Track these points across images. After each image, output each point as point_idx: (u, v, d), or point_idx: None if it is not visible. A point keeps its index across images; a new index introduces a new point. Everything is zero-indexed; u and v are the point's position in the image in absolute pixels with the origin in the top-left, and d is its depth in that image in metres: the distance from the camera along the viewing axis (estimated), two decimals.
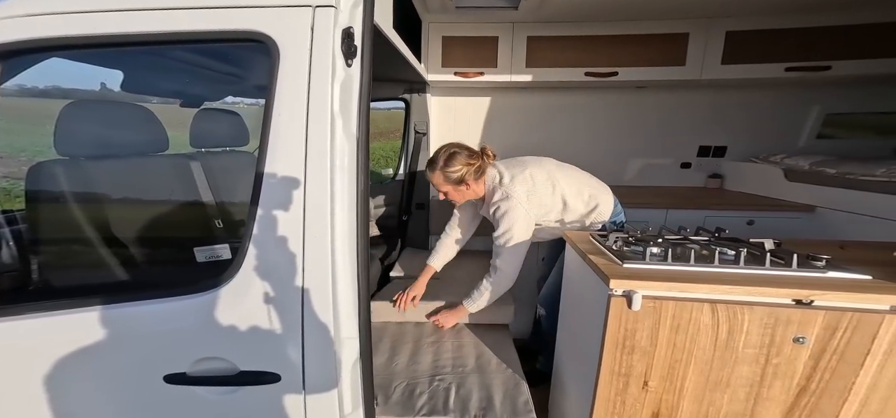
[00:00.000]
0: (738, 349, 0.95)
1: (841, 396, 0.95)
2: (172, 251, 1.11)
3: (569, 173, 1.70)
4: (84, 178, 1.03)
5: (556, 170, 1.68)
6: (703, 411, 1.05)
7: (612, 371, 1.04)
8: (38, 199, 0.97)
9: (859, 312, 0.87)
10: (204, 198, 1.22)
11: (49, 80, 1.24)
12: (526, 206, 1.54)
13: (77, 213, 0.98)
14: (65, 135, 0.99)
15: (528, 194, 1.56)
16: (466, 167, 1.54)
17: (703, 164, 2.82)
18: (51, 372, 0.87)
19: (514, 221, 1.53)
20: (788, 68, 2.23)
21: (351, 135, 0.84)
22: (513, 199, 1.53)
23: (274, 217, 0.82)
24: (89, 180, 1.05)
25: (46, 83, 1.38)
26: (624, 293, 0.95)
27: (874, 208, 1.82)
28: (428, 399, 1.34)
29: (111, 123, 1.11)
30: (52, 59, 0.89)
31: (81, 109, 1.05)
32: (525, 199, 1.55)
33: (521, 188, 1.55)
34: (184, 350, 0.87)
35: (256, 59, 0.85)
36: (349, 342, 0.93)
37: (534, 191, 1.57)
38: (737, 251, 1.03)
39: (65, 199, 0.98)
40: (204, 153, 1.43)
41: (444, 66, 2.42)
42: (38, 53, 0.85)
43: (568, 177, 1.67)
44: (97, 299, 0.85)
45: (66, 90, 1.18)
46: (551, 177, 1.63)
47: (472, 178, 1.56)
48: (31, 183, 0.96)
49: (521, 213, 1.53)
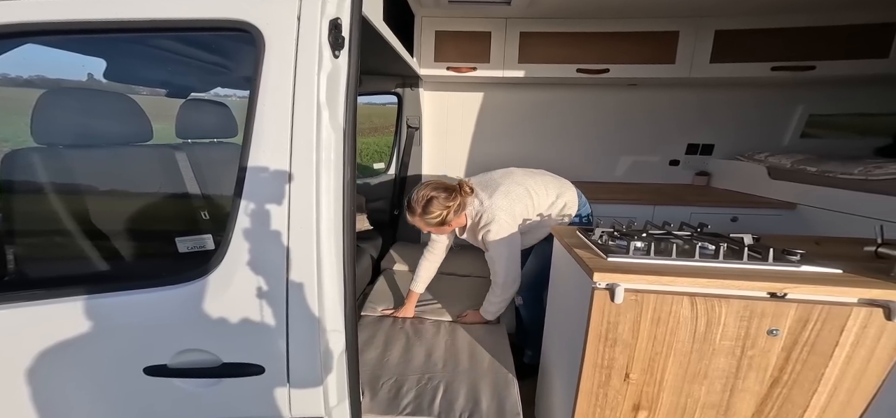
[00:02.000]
0: (716, 341, 0.98)
1: (811, 387, 0.98)
2: (154, 241, 1.10)
3: (536, 177, 1.80)
4: (62, 167, 1.02)
5: (524, 177, 1.78)
6: (681, 403, 1.08)
7: (594, 364, 1.06)
8: (13, 188, 0.95)
9: (829, 305, 0.90)
10: (189, 189, 1.20)
11: (33, 70, 1.22)
12: (509, 220, 1.63)
13: (54, 203, 0.97)
14: (43, 124, 0.97)
15: (509, 207, 1.65)
16: (445, 209, 1.58)
17: (690, 162, 2.87)
18: (28, 364, 0.86)
19: (503, 237, 1.63)
20: (774, 68, 2.27)
21: (338, 127, 0.84)
22: (498, 219, 1.61)
23: (259, 207, 0.82)
24: (68, 169, 1.03)
25: (31, 72, 1.34)
26: (607, 286, 0.97)
27: (850, 205, 1.87)
28: (414, 398, 1.34)
29: (91, 112, 1.09)
30: (37, 48, 0.87)
31: (60, 97, 1.03)
32: (507, 213, 1.63)
33: (501, 202, 1.64)
34: (165, 341, 0.87)
35: (244, 49, 0.84)
36: (335, 334, 0.94)
37: (513, 202, 1.66)
38: (717, 246, 1.06)
39: (41, 188, 0.96)
40: (190, 144, 1.41)
41: (437, 61, 2.41)
42: (13, 39, 0.83)
43: (536, 182, 1.77)
44: (75, 290, 0.84)
45: (51, 80, 1.15)
46: (522, 184, 1.73)
47: (453, 217, 1.61)
48: (5, 171, 0.94)
49: (507, 227, 1.63)
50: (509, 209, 1.64)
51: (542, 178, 1.81)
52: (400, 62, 2.05)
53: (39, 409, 0.91)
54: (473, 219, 1.69)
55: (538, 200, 1.74)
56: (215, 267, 0.83)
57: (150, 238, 1.09)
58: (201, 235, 0.93)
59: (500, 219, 1.61)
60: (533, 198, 1.72)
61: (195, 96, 1.65)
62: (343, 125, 0.85)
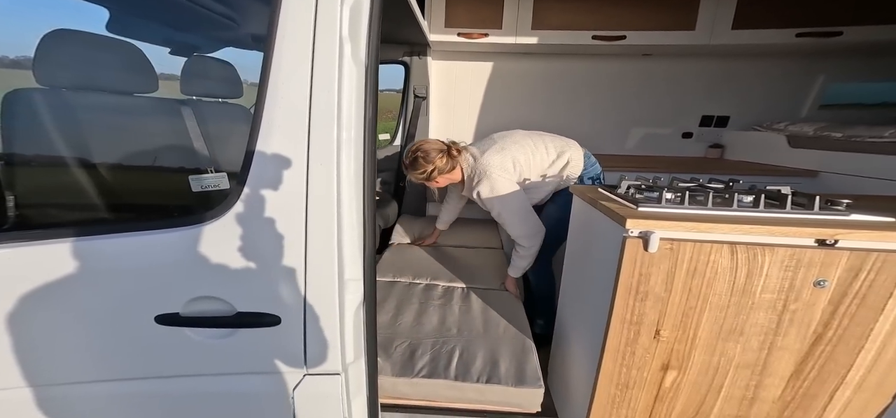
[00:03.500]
0: (756, 294, 0.92)
1: (858, 344, 0.93)
2: (165, 181, 1.05)
3: (535, 137, 1.80)
4: (65, 109, 0.96)
5: (523, 137, 1.77)
6: (714, 362, 1.03)
7: (623, 319, 1.01)
8: (14, 128, 0.90)
9: (885, 253, 0.84)
10: (195, 143, 1.15)
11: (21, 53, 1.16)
12: (502, 175, 1.63)
13: (57, 143, 0.91)
14: (45, 64, 0.91)
15: (501, 163, 1.64)
16: (431, 165, 1.65)
17: (704, 134, 2.80)
18: (33, 304, 0.81)
19: (501, 193, 1.63)
20: (799, 34, 2.18)
21: (360, 62, 0.78)
22: (491, 173, 1.62)
23: (276, 144, 0.76)
24: (71, 112, 0.97)
25: (17, 54, 1.29)
26: (640, 234, 0.91)
27: (878, 170, 1.80)
28: (429, 361, 1.30)
29: (96, 57, 1.03)
30: None
31: (64, 38, 0.96)
32: (499, 169, 1.63)
33: (494, 158, 1.64)
34: (177, 287, 0.82)
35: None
36: (353, 284, 0.88)
37: (504, 159, 1.66)
38: (756, 195, 0.99)
39: (44, 130, 0.90)
40: (195, 100, 1.35)
41: (448, 27, 2.32)
42: None
43: (535, 141, 1.76)
44: (81, 230, 0.78)
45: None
46: (519, 142, 1.73)
47: (443, 173, 1.69)
48: (6, 111, 0.88)
49: (504, 181, 1.63)
50: (501, 165, 1.63)
51: (541, 138, 1.79)
52: (410, 26, 1.97)
53: (47, 355, 0.86)
54: (468, 175, 1.72)
55: (537, 158, 1.71)
56: (229, 208, 0.78)
57: (160, 177, 1.04)
58: (216, 174, 0.87)
59: (492, 175, 1.61)
60: (530, 155, 1.70)
61: (201, 55, 1.58)
62: (365, 61, 0.79)
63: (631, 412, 1.11)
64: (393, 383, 1.25)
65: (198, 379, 0.92)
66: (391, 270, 1.92)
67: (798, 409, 1.05)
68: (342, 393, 0.93)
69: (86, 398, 0.94)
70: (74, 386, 0.92)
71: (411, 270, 1.91)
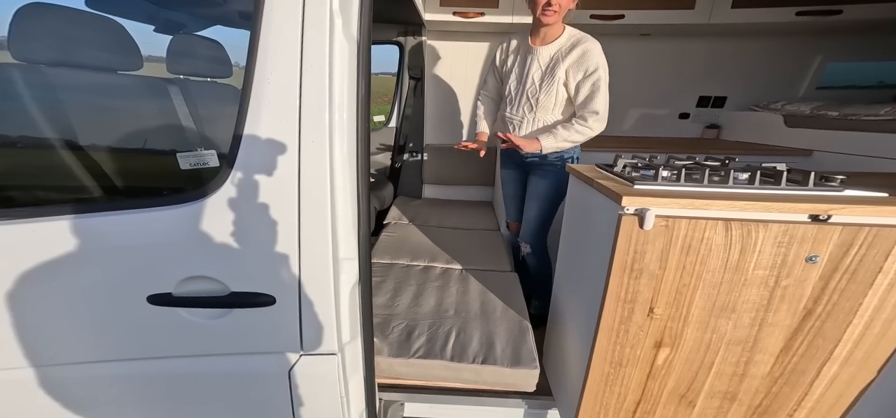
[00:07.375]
0: (748, 271, 0.93)
1: (846, 318, 0.95)
2: (152, 161, 1.03)
3: None
4: (47, 87, 0.93)
5: None
6: (705, 339, 1.04)
7: (617, 297, 1.01)
8: None
9: (877, 227, 0.84)
10: (183, 123, 1.12)
11: None
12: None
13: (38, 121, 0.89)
14: (21, 38, 0.87)
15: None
16: None
17: (701, 115, 2.79)
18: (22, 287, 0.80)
19: (602, 61, 1.51)
20: (799, 12, 2.16)
21: (351, 38, 0.76)
22: (599, 47, 1.51)
23: (267, 121, 0.74)
24: (53, 89, 0.94)
25: None
26: (636, 211, 0.91)
27: (872, 148, 1.81)
28: (426, 341, 1.31)
29: (75, 32, 0.99)
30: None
31: (42, 12, 0.92)
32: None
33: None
34: (169, 266, 0.81)
35: None
36: (347, 263, 0.88)
37: None
38: (752, 172, 0.99)
39: (25, 107, 0.87)
40: (183, 80, 1.32)
41: (443, 5, 2.27)
42: None
43: None
44: (66, 208, 0.77)
45: None
46: None
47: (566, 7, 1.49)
48: None
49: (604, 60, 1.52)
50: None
51: None
52: (404, 4, 1.92)
53: (39, 335, 0.86)
54: (571, 37, 1.57)
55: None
56: (219, 187, 0.76)
57: (148, 158, 1.02)
58: (205, 151, 0.85)
59: (599, 49, 1.51)
60: None
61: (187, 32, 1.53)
62: (357, 37, 0.77)
63: (624, 389, 1.13)
64: (389, 363, 1.26)
65: (195, 359, 0.92)
66: (389, 252, 1.92)
67: (786, 385, 1.07)
68: (339, 372, 0.94)
69: (83, 379, 0.94)
70: (70, 368, 0.92)
71: (409, 252, 1.91)
